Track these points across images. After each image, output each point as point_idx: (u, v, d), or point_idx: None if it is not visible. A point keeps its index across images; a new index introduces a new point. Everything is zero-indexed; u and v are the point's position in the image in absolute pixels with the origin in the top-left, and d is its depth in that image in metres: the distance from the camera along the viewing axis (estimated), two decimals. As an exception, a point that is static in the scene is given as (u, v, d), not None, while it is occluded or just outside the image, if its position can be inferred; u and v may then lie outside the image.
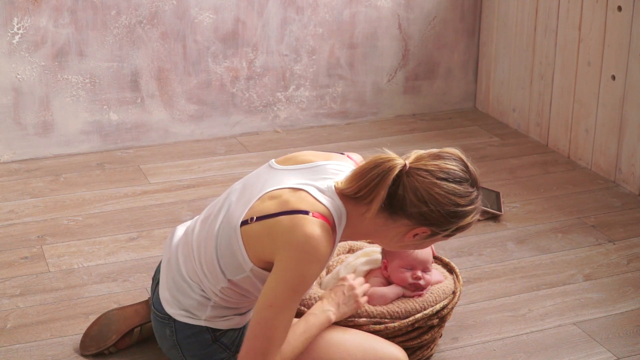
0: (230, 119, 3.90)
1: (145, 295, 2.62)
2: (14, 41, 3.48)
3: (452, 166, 1.93)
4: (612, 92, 3.41)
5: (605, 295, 2.65)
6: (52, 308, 2.56)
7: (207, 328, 2.08)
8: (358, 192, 1.93)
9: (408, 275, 2.24)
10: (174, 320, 2.10)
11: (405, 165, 1.92)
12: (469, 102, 4.31)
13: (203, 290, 2.06)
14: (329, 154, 2.11)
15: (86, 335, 2.34)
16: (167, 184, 3.43)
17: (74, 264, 2.81)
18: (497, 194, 3.26)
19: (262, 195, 1.98)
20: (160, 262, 2.21)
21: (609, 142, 3.47)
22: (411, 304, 2.22)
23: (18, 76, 3.52)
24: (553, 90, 3.75)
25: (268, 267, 1.97)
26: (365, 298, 2.20)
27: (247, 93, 3.89)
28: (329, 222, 1.93)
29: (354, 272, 2.35)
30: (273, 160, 2.10)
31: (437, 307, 2.23)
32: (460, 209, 1.92)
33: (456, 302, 2.30)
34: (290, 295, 1.91)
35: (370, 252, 2.40)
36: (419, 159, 1.94)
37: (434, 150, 1.98)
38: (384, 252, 2.32)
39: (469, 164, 1.97)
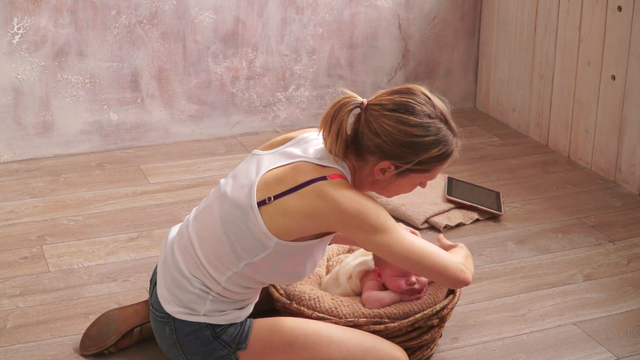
0: (230, 119, 3.90)
1: (146, 295, 2.62)
2: (14, 41, 3.48)
3: (406, 99, 1.97)
4: (612, 92, 3.41)
5: (605, 295, 2.65)
6: (52, 308, 2.55)
7: (207, 324, 2.09)
8: (333, 137, 1.98)
9: (402, 282, 2.24)
10: (173, 318, 2.10)
11: (362, 103, 1.98)
12: (469, 102, 4.31)
13: (204, 284, 2.07)
14: (300, 130, 2.17)
15: (86, 335, 2.34)
16: (167, 184, 3.43)
17: (74, 264, 2.81)
18: (497, 194, 3.26)
19: (262, 176, 2.02)
20: (157, 264, 2.22)
21: (609, 142, 3.47)
22: (410, 305, 2.22)
23: (18, 76, 3.52)
24: (553, 90, 3.75)
25: (294, 238, 2.00)
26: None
27: (247, 93, 3.89)
28: (343, 177, 2.00)
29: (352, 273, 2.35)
30: (255, 150, 2.14)
31: (437, 307, 2.23)
32: (416, 139, 1.95)
33: (456, 302, 2.30)
34: (384, 226, 1.97)
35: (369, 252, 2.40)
36: (377, 95, 2.01)
37: (397, 87, 2.04)
38: (375, 260, 2.32)
39: (432, 97, 2.00)
